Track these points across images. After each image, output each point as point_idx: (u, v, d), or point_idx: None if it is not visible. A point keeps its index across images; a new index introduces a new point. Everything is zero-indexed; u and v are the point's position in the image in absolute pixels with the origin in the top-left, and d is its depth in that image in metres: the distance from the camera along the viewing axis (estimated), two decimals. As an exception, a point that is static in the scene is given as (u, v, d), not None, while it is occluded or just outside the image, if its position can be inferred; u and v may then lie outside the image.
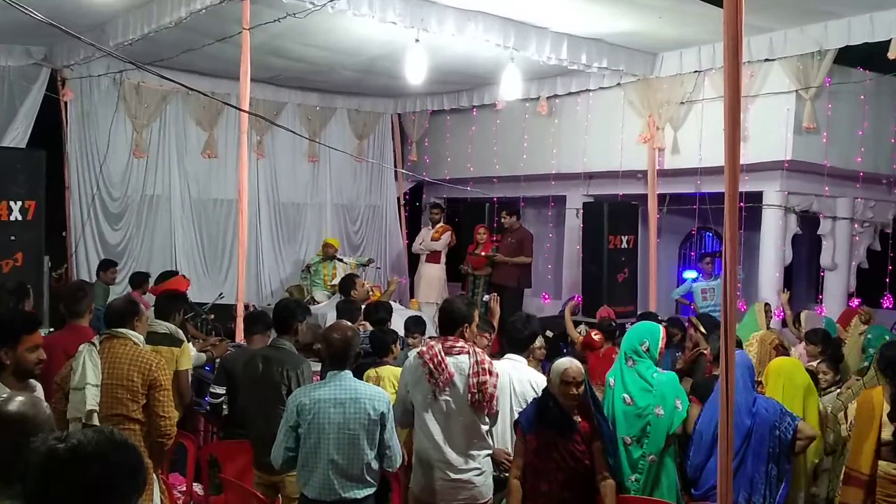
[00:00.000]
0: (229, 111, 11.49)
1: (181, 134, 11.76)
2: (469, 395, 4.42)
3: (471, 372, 4.44)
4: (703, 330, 6.72)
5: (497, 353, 5.46)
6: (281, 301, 5.61)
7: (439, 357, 4.44)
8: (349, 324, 4.47)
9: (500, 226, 11.34)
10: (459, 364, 4.46)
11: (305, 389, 4.25)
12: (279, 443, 4.16)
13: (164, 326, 5.77)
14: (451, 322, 4.59)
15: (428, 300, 11.74)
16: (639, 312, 8.62)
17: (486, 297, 6.54)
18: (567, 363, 4.60)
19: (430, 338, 6.01)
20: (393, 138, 13.81)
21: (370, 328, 6.69)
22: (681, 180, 9.94)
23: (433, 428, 4.47)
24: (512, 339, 5.15)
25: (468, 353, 4.50)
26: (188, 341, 6.13)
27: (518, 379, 4.93)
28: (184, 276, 9.20)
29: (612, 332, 7.55)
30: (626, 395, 4.82)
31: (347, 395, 4.13)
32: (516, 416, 4.76)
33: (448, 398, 4.45)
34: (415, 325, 6.71)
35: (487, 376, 4.45)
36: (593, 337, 7.46)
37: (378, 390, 4.28)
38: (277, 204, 12.77)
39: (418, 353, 4.55)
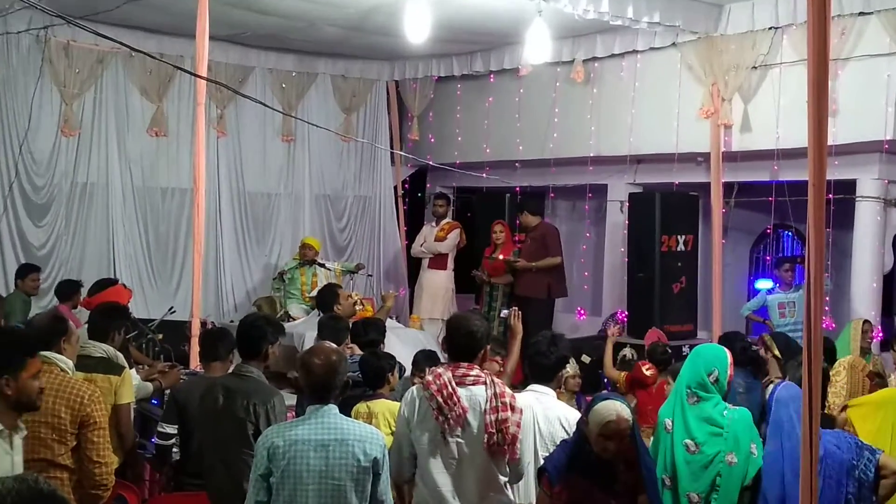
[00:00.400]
0: (182, 78, 11.50)
1: (122, 106, 11.78)
2: (486, 436, 4.41)
3: (488, 407, 4.43)
4: (776, 353, 6.70)
5: (520, 384, 5.46)
6: (247, 317, 5.61)
7: (450, 388, 4.43)
8: (333, 346, 4.47)
9: (520, 225, 11.34)
10: (474, 397, 4.46)
11: (279, 428, 4.26)
12: (250, 497, 4.17)
13: (100, 349, 5.77)
14: (464, 345, 4.59)
15: (432, 316, 11.76)
16: (721, 334, 8.46)
17: (504, 313, 6.53)
18: (612, 413, 4.36)
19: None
20: (389, 112, 13.83)
21: (359, 352, 6.69)
22: (753, 165, 9.91)
23: (440, 479, 4.46)
24: (536, 365, 5.12)
25: (485, 383, 4.49)
26: (130, 368, 6.14)
27: (544, 416, 4.91)
28: (124, 286, 9.23)
29: (667, 362, 7.53)
30: (689, 441, 4.78)
31: (331, 435, 4.13)
32: (542, 461, 4.75)
33: (460, 440, 4.45)
34: (426, 361, 6.44)
35: (509, 412, 4.44)
36: (644, 372, 7.43)
37: (370, 430, 4.28)
38: (243, 194, 12.80)
39: (423, 383, 4.55)
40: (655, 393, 7.21)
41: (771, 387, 5.70)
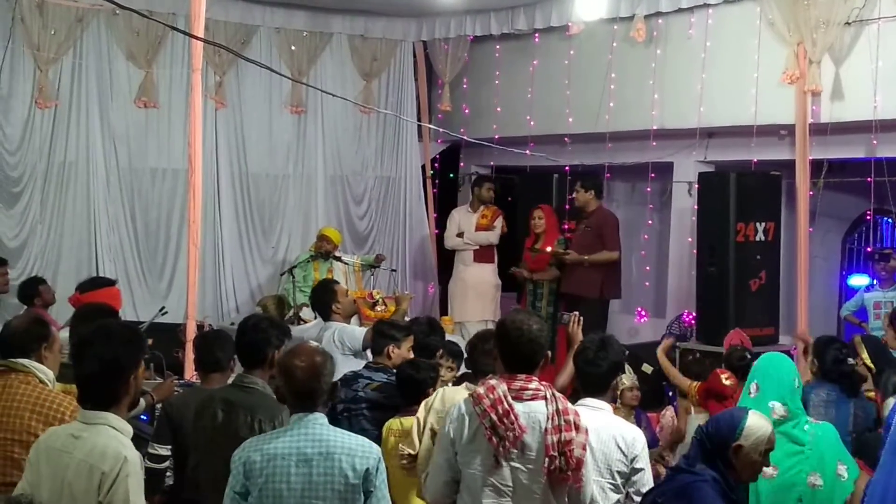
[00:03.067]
0: (175, 40, 11.58)
1: (105, 73, 11.88)
2: (546, 460, 4.39)
3: (550, 426, 4.40)
4: (867, 360, 6.68)
5: (570, 398, 5.46)
6: (247, 319, 5.65)
7: (506, 404, 4.40)
8: (317, 346, 4.47)
9: (571, 205, 11.30)
10: (533, 415, 4.44)
11: (257, 441, 4.29)
12: None
13: (82, 356, 5.83)
14: (526, 354, 4.56)
15: (483, 317, 11.72)
16: (817, 337, 8.36)
17: (565, 317, 6.53)
18: (768, 429, 4.33)
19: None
20: (416, 79, 13.87)
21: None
22: (847, 140, 9.86)
23: None
24: (585, 376, 5.09)
25: (545, 398, 4.47)
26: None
27: (597, 435, 4.81)
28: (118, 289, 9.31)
29: (746, 369, 7.49)
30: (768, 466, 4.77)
31: (316, 448, 4.16)
32: (595, 489, 4.73)
33: (516, 464, 4.43)
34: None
35: (573, 433, 4.41)
36: (723, 381, 7.38)
37: (361, 441, 4.29)
38: (245, 176, 12.89)
39: (473, 396, 4.54)
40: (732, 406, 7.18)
41: (892, 401, 5.69)
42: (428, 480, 4.46)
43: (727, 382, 7.32)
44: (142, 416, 6.95)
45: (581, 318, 6.34)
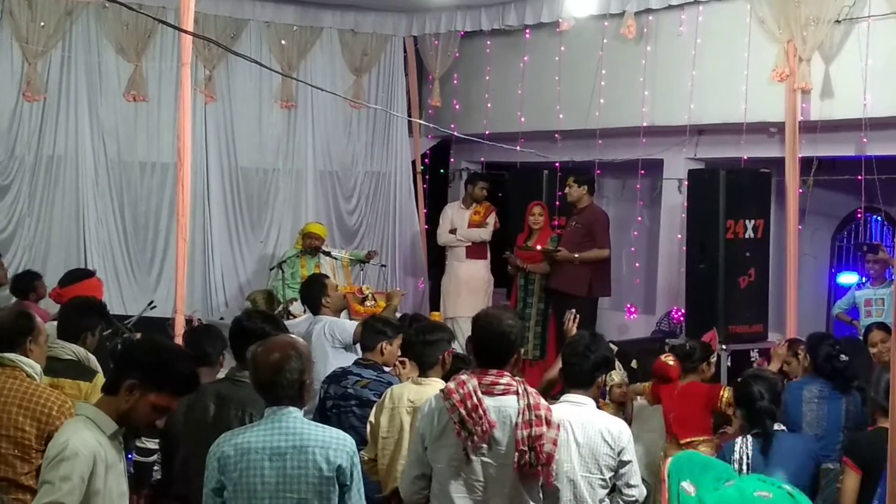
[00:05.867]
0: (165, 33, 11.56)
1: (94, 66, 11.88)
2: (516, 454, 4.43)
3: (520, 421, 4.45)
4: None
5: (560, 395, 5.48)
6: (241, 314, 5.66)
7: (475, 399, 4.45)
8: (290, 340, 4.47)
9: (562, 201, 11.29)
10: (504, 410, 4.48)
11: (231, 435, 4.29)
12: None
13: (70, 350, 5.80)
14: (496, 348, 4.60)
15: (474, 312, 11.70)
16: (810, 334, 8.32)
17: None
18: None
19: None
20: (406, 74, 13.88)
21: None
22: (837, 138, 9.88)
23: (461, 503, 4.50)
24: (571, 369, 5.15)
25: (517, 393, 4.51)
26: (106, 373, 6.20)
27: (583, 430, 4.88)
28: (99, 279, 9.31)
29: (687, 358, 7.47)
30: None
31: (289, 441, 4.15)
32: (582, 485, 4.73)
33: (486, 459, 4.47)
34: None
35: (544, 428, 4.45)
36: (667, 361, 7.41)
37: (336, 434, 4.30)
38: (235, 170, 12.89)
39: (444, 391, 4.57)
40: (680, 395, 7.19)
41: None
42: (403, 477, 4.48)
43: (671, 362, 7.36)
44: (130, 411, 6.95)
45: (577, 316, 6.37)
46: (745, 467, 5.62)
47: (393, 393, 5.68)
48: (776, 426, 5.79)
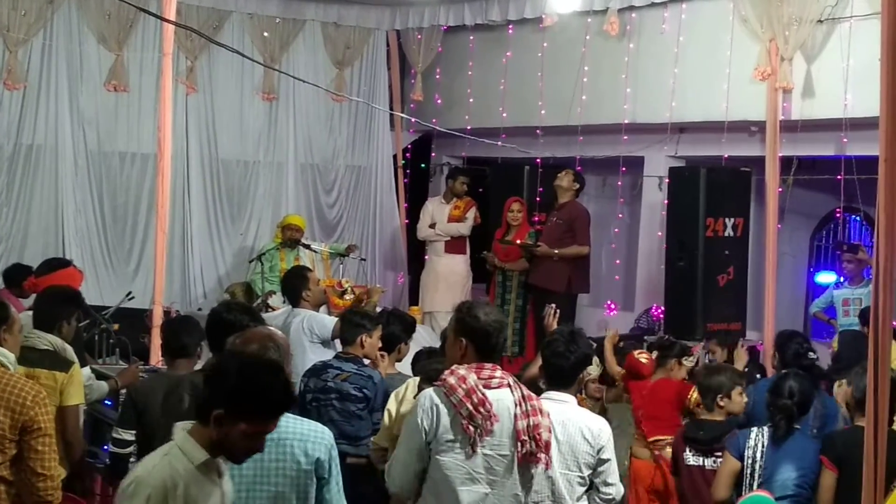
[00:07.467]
0: (147, 23, 11.51)
1: (75, 56, 11.82)
2: (518, 444, 4.47)
3: (518, 412, 4.49)
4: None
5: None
6: (219, 305, 5.64)
7: (479, 394, 4.45)
8: (269, 331, 4.44)
9: (542, 197, 11.26)
10: (502, 402, 4.51)
11: None
12: None
13: (46, 340, 5.76)
14: (491, 342, 4.63)
15: (452, 307, 11.68)
16: (780, 331, 8.35)
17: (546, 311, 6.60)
18: None
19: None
20: (389, 68, 13.85)
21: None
22: (817, 137, 9.91)
23: (465, 496, 4.45)
24: (552, 367, 5.12)
25: (509, 386, 4.55)
26: (83, 363, 6.16)
27: (563, 428, 4.85)
28: (76, 268, 9.25)
29: (667, 352, 7.47)
30: None
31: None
32: (561, 482, 4.75)
33: (489, 451, 4.48)
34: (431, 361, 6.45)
35: (539, 416, 4.52)
36: (639, 359, 7.41)
37: (314, 426, 4.29)
38: (215, 162, 12.85)
39: (444, 386, 4.53)
40: (652, 392, 7.18)
41: None
42: (393, 470, 4.45)
43: (643, 360, 7.36)
44: (105, 402, 6.92)
45: (558, 310, 6.36)
46: (758, 455, 5.66)
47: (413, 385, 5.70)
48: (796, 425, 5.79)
